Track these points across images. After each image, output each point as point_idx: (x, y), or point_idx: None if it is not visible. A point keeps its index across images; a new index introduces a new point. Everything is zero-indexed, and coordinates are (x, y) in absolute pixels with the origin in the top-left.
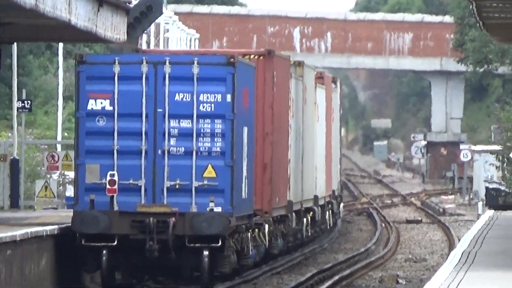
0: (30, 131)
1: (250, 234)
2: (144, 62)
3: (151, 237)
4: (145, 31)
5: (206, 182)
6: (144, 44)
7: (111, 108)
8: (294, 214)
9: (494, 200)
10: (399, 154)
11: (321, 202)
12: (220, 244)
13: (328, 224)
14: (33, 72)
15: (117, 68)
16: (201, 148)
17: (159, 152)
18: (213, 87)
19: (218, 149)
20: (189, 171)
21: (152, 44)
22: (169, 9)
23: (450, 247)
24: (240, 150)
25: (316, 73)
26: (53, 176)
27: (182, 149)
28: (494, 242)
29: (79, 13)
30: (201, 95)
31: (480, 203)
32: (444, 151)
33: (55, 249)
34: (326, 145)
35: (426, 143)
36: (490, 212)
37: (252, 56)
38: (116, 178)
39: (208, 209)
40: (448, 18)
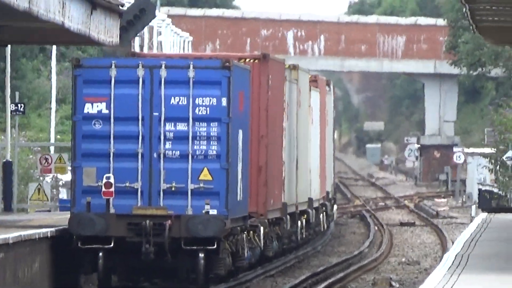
0: (23, 134)
1: (246, 236)
2: (140, 66)
3: (147, 240)
4: (138, 34)
5: (202, 185)
6: (137, 47)
7: (108, 112)
8: (289, 217)
9: (487, 203)
10: (392, 157)
11: (316, 205)
12: (216, 247)
13: (322, 227)
14: (27, 75)
15: (114, 72)
16: (197, 151)
17: (155, 155)
18: (209, 91)
19: (214, 152)
20: (185, 174)
21: (146, 47)
22: (162, 12)
23: (443, 250)
24: (236, 153)
25: (310, 76)
26: (46, 179)
27: (178, 152)
28: (488, 245)
29: (72, 16)
30: (197, 99)
31: (473, 206)
32: (438, 154)
33: (50, 252)
34: (320, 148)
35: (420, 146)
36: (483, 215)
37: (248, 60)
38: (112, 181)
39: (204, 212)
40: (442, 21)
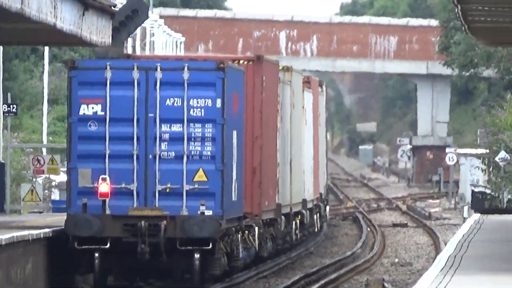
0: (16, 135)
1: (240, 237)
2: (135, 68)
3: (143, 240)
4: (131, 35)
5: (197, 186)
6: (130, 48)
7: (103, 113)
8: (283, 217)
9: (480, 204)
10: (385, 158)
11: (309, 206)
12: (211, 247)
13: (316, 227)
14: (19, 76)
15: (109, 74)
16: (192, 152)
17: (150, 156)
18: (204, 92)
19: (209, 153)
20: (180, 175)
21: (138, 48)
22: (155, 13)
23: (436, 251)
24: (230, 154)
25: (303, 77)
26: (38, 180)
27: (173, 153)
28: (480, 246)
29: (65, 17)
30: (192, 100)
31: (466, 207)
32: (430, 155)
33: (44, 253)
34: (314, 149)
35: (412, 147)
36: (476, 216)
37: (242, 61)
38: (108, 182)
39: (199, 212)
40: (434, 22)
